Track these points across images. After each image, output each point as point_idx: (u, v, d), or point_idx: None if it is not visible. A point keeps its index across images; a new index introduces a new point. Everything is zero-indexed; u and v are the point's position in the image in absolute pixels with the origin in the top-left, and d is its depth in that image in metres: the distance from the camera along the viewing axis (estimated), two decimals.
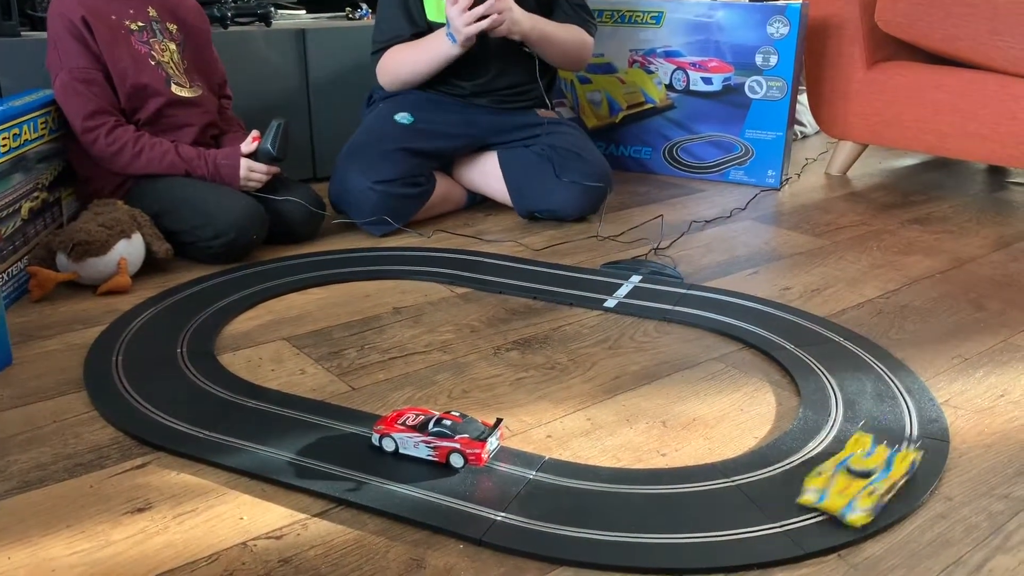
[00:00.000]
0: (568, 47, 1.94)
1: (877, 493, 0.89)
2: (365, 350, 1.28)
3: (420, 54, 1.87)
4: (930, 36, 2.12)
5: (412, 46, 1.88)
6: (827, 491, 0.90)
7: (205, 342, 1.27)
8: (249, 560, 0.83)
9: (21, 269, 1.46)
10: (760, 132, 2.23)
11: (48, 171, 1.58)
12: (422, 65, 1.87)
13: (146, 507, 0.90)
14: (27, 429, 1.05)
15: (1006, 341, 1.33)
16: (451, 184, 1.95)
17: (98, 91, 1.59)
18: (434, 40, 1.84)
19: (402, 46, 1.88)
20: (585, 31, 1.97)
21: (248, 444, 1.00)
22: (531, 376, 1.20)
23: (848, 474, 0.93)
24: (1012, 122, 2.00)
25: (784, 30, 2.13)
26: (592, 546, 0.84)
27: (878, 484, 0.90)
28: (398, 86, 1.93)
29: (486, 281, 1.53)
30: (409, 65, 1.88)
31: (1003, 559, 0.84)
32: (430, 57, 1.85)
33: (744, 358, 1.27)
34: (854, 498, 0.88)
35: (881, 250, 1.76)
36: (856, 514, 0.87)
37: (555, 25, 1.90)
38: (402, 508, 0.89)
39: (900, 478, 0.93)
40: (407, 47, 1.88)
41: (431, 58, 1.85)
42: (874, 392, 1.14)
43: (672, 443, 1.04)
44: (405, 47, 1.88)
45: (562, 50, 1.93)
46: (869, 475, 0.92)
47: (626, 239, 1.79)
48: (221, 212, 1.57)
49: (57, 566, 0.82)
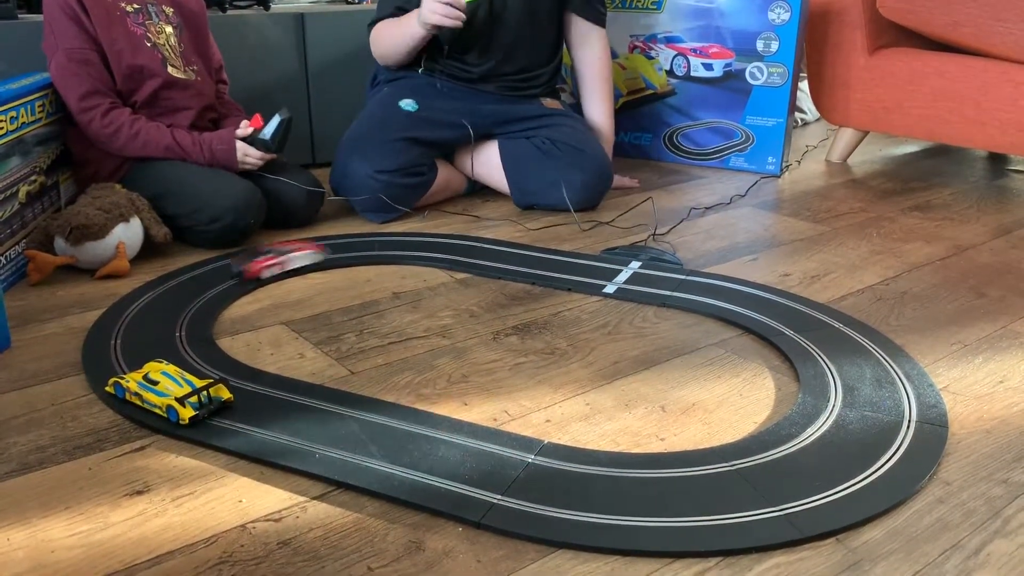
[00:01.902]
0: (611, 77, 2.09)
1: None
2: (364, 335, 1.28)
3: (395, 30, 1.88)
4: (931, 22, 2.11)
5: (394, 22, 1.89)
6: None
7: (204, 326, 1.27)
8: (248, 542, 0.83)
9: (19, 253, 1.46)
10: (761, 119, 2.22)
11: (46, 154, 1.57)
12: (396, 39, 1.88)
13: (145, 490, 0.90)
14: (26, 412, 1.05)
15: (1005, 328, 1.33)
16: (451, 171, 1.95)
17: (94, 72, 1.58)
18: (410, 18, 1.84)
19: (390, 21, 1.89)
20: (599, 26, 2.03)
21: (247, 427, 1.00)
22: (530, 361, 1.20)
23: None
24: (1013, 109, 1.99)
25: (785, 16, 2.12)
26: (591, 529, 0.84)
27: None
28: (385, 60, 1.94)
29: (485, 267, 1.53)
30: (388, 39, 1.90)
31: (1001, 543, 0.84)
32: (402, 34, 1.86)
33: (743, 344, 1.27)
34: None
35: (881, 237, 1.75)
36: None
37: (606, 98, 2.05)
38: (401, 491, 0.89)
39: None
40: (391, 23, 1.89)
41: (403, 34, 1.86)
42: (873, 378, 1.14)
43: (671, 428, 1.04)
44: (390, 23, 1.89)
45: None
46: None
47: (625, 225, 1.79)
48: (218, 196, 1.56)
49: (56, 548, 0.82)
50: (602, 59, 2.04)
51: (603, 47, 2.05)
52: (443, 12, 1.74)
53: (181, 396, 1.00)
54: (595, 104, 2.05)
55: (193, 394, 1.01)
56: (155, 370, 1.06)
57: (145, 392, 1.03)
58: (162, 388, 1.02)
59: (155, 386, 1.03)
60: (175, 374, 1.05)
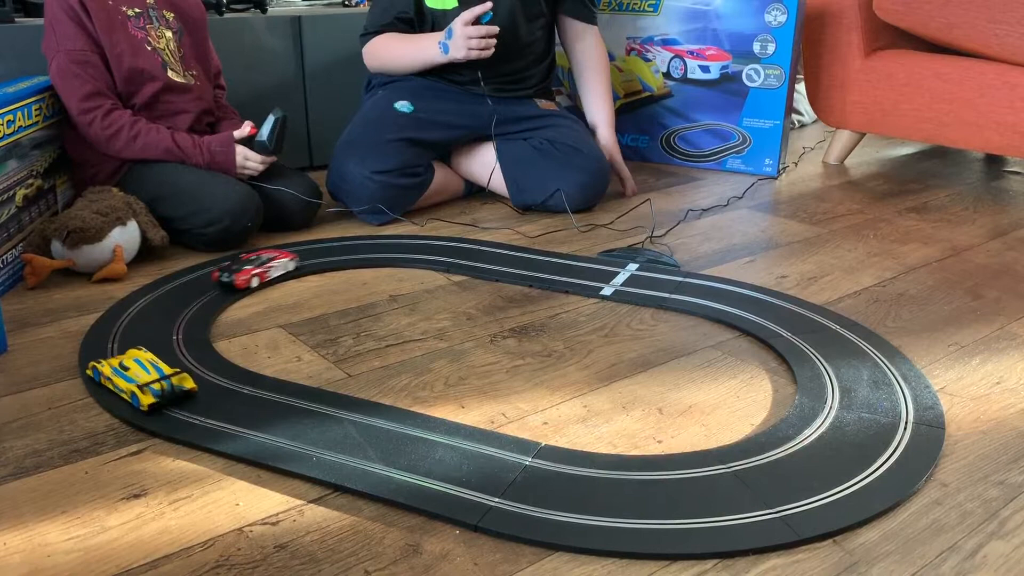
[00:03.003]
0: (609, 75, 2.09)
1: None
2: (361, 337, 1.28)
3: (408, 50, 1.88)
4: (928, 24, 2.11)
5: (403, 39, 1.88)
6: None
7: (201, 329, 1.27)
8: (245, 546, 0.83)
9: (16, 256, 1.45)
10: (757, 120, 2.22)
11: (43, 158, 1.57)
12: (407, 60, 1.89)
13: (142, 493, 0.90)
14: (23, 416, 1.05)
15: (1002, 329, 1.33)
16: (449, 173, 1.95)
17: (95, 73, 1.58)
18: (425, 41, 1.85)
19: (394, 36, 1.89)
20: (592, 24, 2.04)
21: (244, 430, 0.99)
22: (527, 363, 1.20)
23: None
24: (1009, 110, 2.00)
25: (782, 18, 2.13)
26: (588, 532, 0.84)
27: None
28: (384, 72, 1.95)
29: (482, 269, 1.53)
30: (396, 58, 1.90)
31: (998, 545, 0.84)
32: (415, 56, 1.87)
33: (740, 346, 1.27)
34: None
35: (878, 238, 1.76)
36: None
37: (605, 92, 2.04)
38: (398, 494, 0.89)
39: None
40: (399, 39, 1.89)
41: (416, 57, 1.87)
42: (870, 379, 1.14)
43: (668, 430, 1.04)
44: (397, 38, 1.89)
45: None
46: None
47: (622, 227, 1.79)
48: (215, 199, 1.56)
49: (52, 552, 0.81)
50: (597, 53, 2.05)
51: (598, 42, 2.06)
52: (480, 46, 1.78)
53: (144, 383, 1.02)
54: (594, 96, 2.05)
55: (156, 382, 1.02)
56: (131, 357, 1.08)
57: (116, 377, 1.05)
58: (131, 374, 1.05)
59: (126, 372, 1.05)
60: (146, 361, 1.07)
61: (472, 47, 1.77)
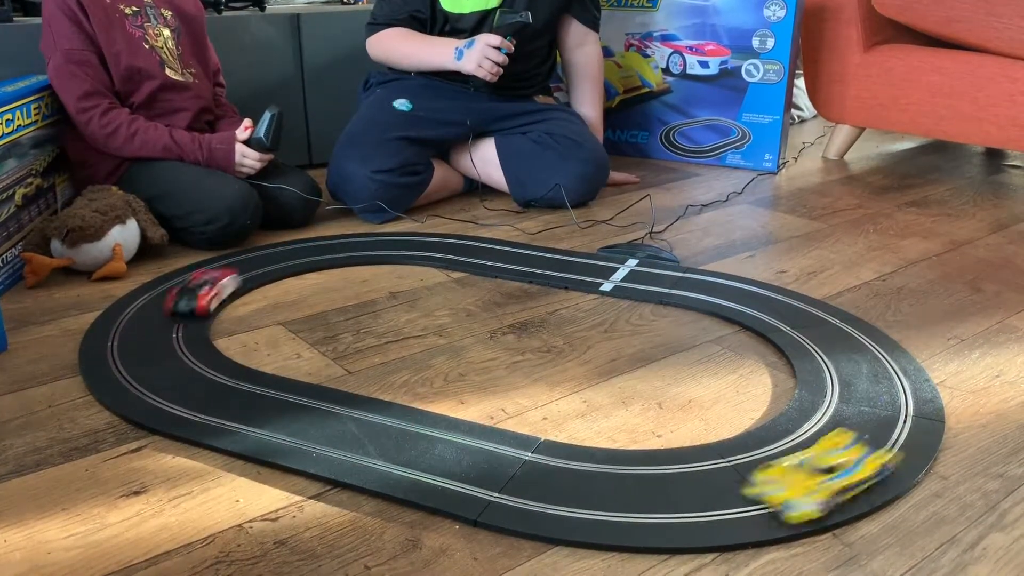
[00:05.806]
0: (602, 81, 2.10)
1: (832, 490, 0.85)
2: (361, 334, 1.28)
3: (422, 50, 1.87)
4: (927, 18, 2.11)
5: (418, 39, 1.88)
6: (779, 484, 0.86)
7: (201, 327, 1.27)
8: (245, 542, 0.83)
9: (15, 255, 1.46)
10: (757, 116, 2.22)
11: (42, 157, 1.57)
12: (418, 59, 1.89)
13: (142, 490, 0.90)
14: (23, 414, 1.05)
15: (1002, 322, 1.33)
16: (448, 171, 1.95)
17: (93, 72, 1.58)
18: (441, 46, 1.84)
19: (407, 33, 1.88)
20: (594, 31, 2.05)
21: (244, 427, 1.00)
22: (527, 359, 1.20)
23: (807, 470, 0.89)
24: (1009, 104, 2.00)
25: (781, 13, 2.12)
26: (587, 526, 0.84)
27: (836, 482, 0.86)
28: (390, 65, 1.94)
29: (482, 265, 1.53)
30: (407, 55, 1.89)
31: (997, 537, 0.84)
32: (429, 57, 1.87)
33: (740, 340, 1.27)
34: (808, 493, 0.84)
35: (878, 233, 1.75)
36: (800, 510, 0.83)
37: (599, 102, 2.07)
38: (398, 489, 0.89)
39: (866, 479, 0.88)
40: (413, 36, 1.88)
41: (429, 59, 1.87)
42: (870, 373, 1.14)
43: (668, 424, 1.04)
44: (410, 35, 1.88)
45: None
46: (832, 471, 0.88)
47: (622, 223, 1.79)
48: (214, 197, 1.56)
49: (53, 549, 0.82)
50: (597, 61, 2.06)
51: (596, 51, 2.06)
52: (492, 71, 1.79)
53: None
54: (587, 105, 2.06)
55: None
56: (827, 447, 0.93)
57: None
58: None
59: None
60: None
61: (484, 68, 1.78)
